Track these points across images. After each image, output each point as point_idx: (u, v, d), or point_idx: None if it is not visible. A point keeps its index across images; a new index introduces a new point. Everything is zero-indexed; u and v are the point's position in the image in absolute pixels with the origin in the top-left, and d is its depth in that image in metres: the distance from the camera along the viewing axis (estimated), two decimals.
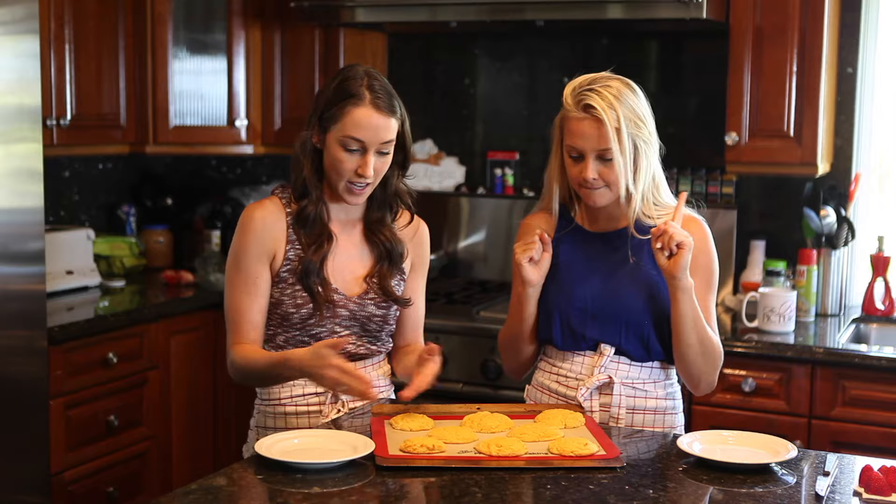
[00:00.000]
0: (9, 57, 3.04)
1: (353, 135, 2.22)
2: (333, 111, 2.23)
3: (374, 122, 2.22)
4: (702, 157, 3.82)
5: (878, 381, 3.12)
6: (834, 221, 3.60)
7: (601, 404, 2.32)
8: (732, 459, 1.98)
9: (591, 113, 2.21)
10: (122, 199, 4.42)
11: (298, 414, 2.33)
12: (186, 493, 1.84)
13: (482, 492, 1.85)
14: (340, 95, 2.24)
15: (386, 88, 2.27)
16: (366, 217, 2.38)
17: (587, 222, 2.39)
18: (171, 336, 3.71)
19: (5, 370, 3.06)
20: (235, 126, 4.09)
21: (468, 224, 4.16)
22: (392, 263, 2.37)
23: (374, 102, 2.22)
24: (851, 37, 3.67)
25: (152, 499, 3.21)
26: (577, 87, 2.26)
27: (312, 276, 2.28)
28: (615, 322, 2.31)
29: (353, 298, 2.33)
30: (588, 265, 2.35)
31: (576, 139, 2.24)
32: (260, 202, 2.35)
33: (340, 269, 2.33)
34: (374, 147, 2.23)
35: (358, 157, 2.23)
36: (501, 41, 4.14)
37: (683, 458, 2.03)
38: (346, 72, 2.29)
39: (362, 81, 2.24)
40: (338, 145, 2.23)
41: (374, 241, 2.37)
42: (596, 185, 2.26)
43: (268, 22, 4.07)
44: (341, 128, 2.22)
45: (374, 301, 2.35)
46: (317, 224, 2.31)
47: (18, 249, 3.09)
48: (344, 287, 2.33)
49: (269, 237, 2.30)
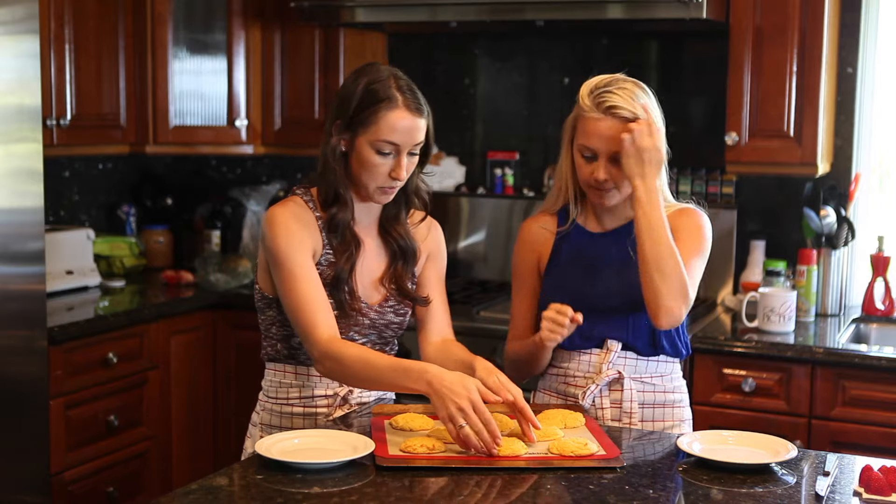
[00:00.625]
0: (9, 57, 3.04)
1: (389, 139, 2.17)
2: (365, 115, 2.17)
3: (409, 124, 2.17)
4: (702, 157, 3.82)
5: (878, 381, 3.12)
6: (834, 221, 3.60)
7: (612, 401, 2.33)
8: (732, 459, 1.97)
9: (610, 113, 2.22)
10: (122, 199, 4.42)
11: (306, 415, 2.31)
12: (186, 493, 1.84)
13: (482, 492, 1.85)
14: (371, 99, 2.17)
15: (412, 87, 2.22)
16: (381, 214, 2.34)
17: (589, 221, 2.40)
18: (171, 336, 3.71)
19: (5, 370, 3.06)
20: (235, 126, 4.09)
21: (468, 224, 4.16)
22: (406, 262, 2.34)
23: (406, 105, 2.18)
24: (851, 37, 3.67)
25: (152, 499, 3.21)
26: (594, 87, 2.27)
27: (343, 285, 2.24)
28: (624, 319, 2.32)
29: (374, 307, 2.30)
30: (593, 264, 2.36)
31: (591, 139, 2.25)
32: (284, 203, 2.26)
33: (361, 273, 2.29)
34: (407, 149, 2.19)
35: (391, 160, 2.19)
36: (501, 41, 4.14)
37: (683, 458, 2.03)
38: (372, 73, 2.22)
39: (391, 83, 2.19)
40: (371, 149, 2.18)
41: (387, 238, 2.34)
42: (607, 187, 2.27)
43: (268, 22, 4.07)
44: (375, 132, 2.16)
45: (394, 308, 2.33)
46: (346, 230, 2.26)
47: (18, 249, 3.09)
48: (365, 294, 2.30)
49: (308, 234, 2.22)
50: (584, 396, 2.33)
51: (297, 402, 2.31)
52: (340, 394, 2.31)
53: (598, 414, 2.33)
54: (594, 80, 2.31)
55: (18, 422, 3.11)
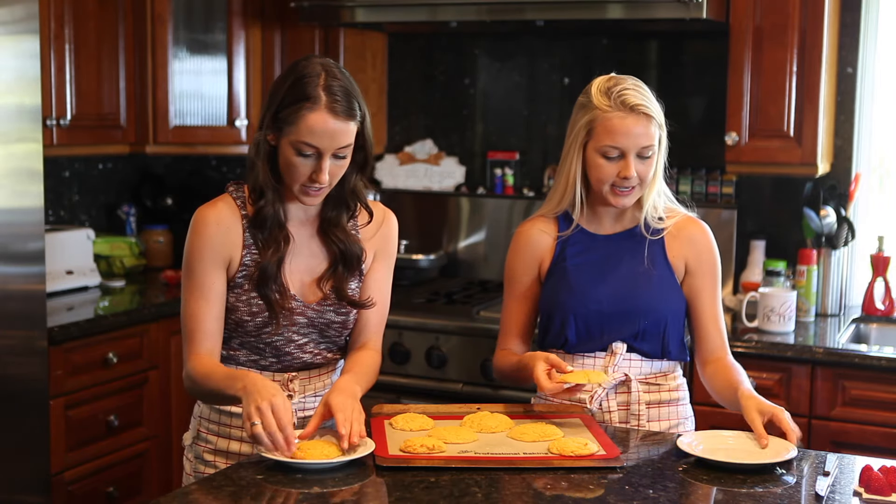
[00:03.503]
0: (9, 57, 3.04)
1: (308, 140, 2.07)
2: (287, 113, 2.08)
3: (331, 127, 2.07)
4: (702, 157, 3.82)
5: (878, 381, 3.12)
6: (834, 221, 3.60)
7: (619, 403, 2.33)
8: (732, 459, 1.97)
9: (638, 110, 2.24)
10: (122, 199, 4.42)
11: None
12: (186, 493, 1.84)
13: (482, 492, 1.85)
14: (295, 96, 2.08)
15: (345, 88, 2.10)
16: (321, 214, 2.25)
17: (592, 224, 2.39)
18: (171, 336, 3.71)
19: (5, 370, 3.06)
20: (235, 126, 4.09)
21: (468, 224, 4.16)
22: (346, 266, 2.24)
23: (329, 107, 2.07)
24: (851, 37, 3.67)
25: (152, 499, 3.21)
26: (607, 88, 2.27)
27: (270, 282, 2.16)
28: (632, 322, 2.32)
29: (312, 305, 2.22)
30: (599, 267, 2.35)
31: (619, 137, 2.24)
32: (213, 203, 2.20)
33: (297, 271, 2.22)
34: (329, 152, 2.09)
35: (313, 162, 2.10)
36: (501, 41, 4.14)
37: (683, 458, 2.03)
38: (302, 68, 2.11)
39: (318, 80, 2.08)
40: (292, 149, 2.09)
41: (326, 241, 2.24)
42: (633, 184, 2.27)
43: (268, 22, 4.08)
44: (295, 132, 2.07)
45: (334, 307, 2.24)
46: (274, 226, 2.17)
47: (18, 249, 3.09)
48: (301, 292, 2.22)
49: (225, 241, 2.17)
50: (592, 400, 2.32)
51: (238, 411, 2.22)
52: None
53: (605, 417, 2.33)
54: (601, 82, 2.30)
55: (18, 422, 3.11)
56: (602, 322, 2.32)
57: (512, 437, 2.11)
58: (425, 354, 3.53)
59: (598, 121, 2.26)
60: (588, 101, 2.28)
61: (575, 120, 2.31)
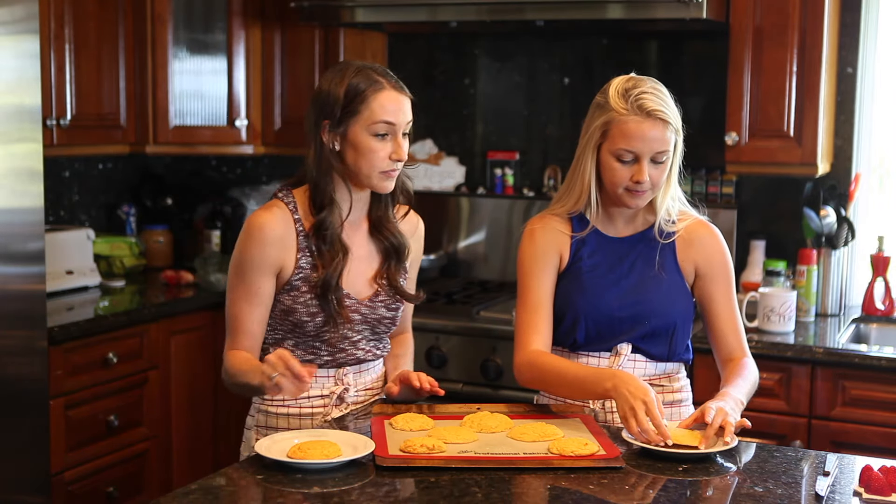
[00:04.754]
0: (9, 57, 3.04)
1: (384, 118, 2.20)
2: (355, 105, 2.20)
3: (400, 102, 2.22)
4: (702, 157, 3.82)
5: (878, 381, 3.12)
6: (834, 221, 3.60)
7: None
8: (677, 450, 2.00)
9: (654, 116, 2.22)
10: (122, 199, 4.42)
11: (302, 416, 2.32)
12: (186, 493, 1.84)
13: (482, 492, 1.85)
14: (357, 89, 2.21)
15: (389, 72, 2.27)
16: (371, 213, 2.36)
17: (605, 226, 2.37)
18: (171, 336, 3.71)
19: (5, 370, 3.06)
20: (235, 126, 4.09)
21: (468, 224, 4.16)
22: (398, 260, 2.36)
23: (392, 85, 2.23)
24: (851, 37, 3.67)
25: (152, 499, 3.22)
26: (625, 90, 2.25)
27: (330, 294, 2.25)
28: (643, 326, 2.31)
29: (365, 302, 2.31)
30: (613, 269, 2.34)
31: (634, 142, 2.23)
32: (267, 209, 2.29)
33: (353, 274, 2.30)
34: (401, 128, 2.23)
35: (389, 143, 2.22)
36: (501, 41, 4.14)
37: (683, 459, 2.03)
38: (348, 69, 2.25)
39: (369, 72, 2.23)
40: (367, 134, 2.21)
41: (379, 238, 2.35)
42: (646, 188, 2.26)
43: (268, 22, 4.08)
44: (369, 116, 2.20)
45: (385, 303, 2.34)
46: (337, 239, 2.27)
47: (18, 249, 3.09)
48: (355, 291, 2.31)
49: (278, 248, 2.24)
50: (596, 401, 2.33)
51: (292, 403, 2.32)
52: (336, 392, 2.31)
53: (608, 418, 2.32)
54: (620, 82, 2.28)
55: (18, 422, 3.11)
56: (612, 325, 2.32)
57: (512, 437, 2.11)
58: (425, 354, 3.53)
59: (614, 123, 2.24)
60: (605, 101, 2.26)
61: (591, 120, 2.29)
